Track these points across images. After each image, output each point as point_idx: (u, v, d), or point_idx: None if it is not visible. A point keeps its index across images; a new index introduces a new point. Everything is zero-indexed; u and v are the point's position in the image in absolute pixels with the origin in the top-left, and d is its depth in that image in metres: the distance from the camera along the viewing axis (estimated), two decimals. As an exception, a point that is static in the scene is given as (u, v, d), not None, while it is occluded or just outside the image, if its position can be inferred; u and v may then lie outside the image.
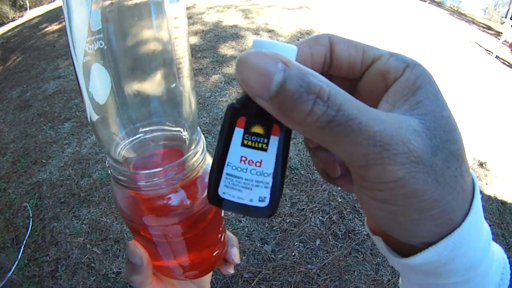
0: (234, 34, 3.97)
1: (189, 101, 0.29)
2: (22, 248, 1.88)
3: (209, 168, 0.30)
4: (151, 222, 0.30)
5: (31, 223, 2.00)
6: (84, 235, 1.89)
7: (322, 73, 0.21)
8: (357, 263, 1.77)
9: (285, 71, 0.18)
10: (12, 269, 1.78)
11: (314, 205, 2.01)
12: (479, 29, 7.13)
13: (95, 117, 0.26)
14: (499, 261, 0.24)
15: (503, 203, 2.50)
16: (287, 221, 1.93)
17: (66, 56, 3.91)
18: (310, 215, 1.96)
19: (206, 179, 0.31)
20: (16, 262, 1.81)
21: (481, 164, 2.76)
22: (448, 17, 7.29)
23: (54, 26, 5.11)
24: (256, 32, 4.05)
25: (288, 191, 2.09)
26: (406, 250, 0.23)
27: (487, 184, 2.61)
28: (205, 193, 0.31)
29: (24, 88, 3.44)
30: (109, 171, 0.29)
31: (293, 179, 2.15)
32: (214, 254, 0.37)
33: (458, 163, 0.20)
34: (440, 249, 0.20)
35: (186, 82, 0.28)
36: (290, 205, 2.02)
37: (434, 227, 0.20)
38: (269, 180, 0.24)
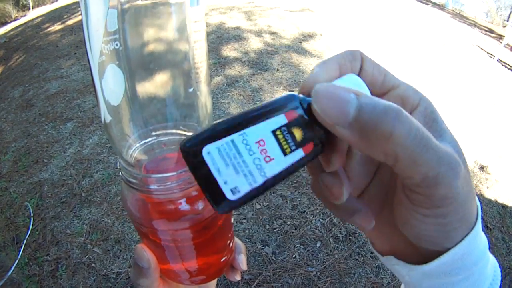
0: (236, 36, 3.97)
1: (206, 106, 0.29)
2: (23, 247, 1.88)
3: None
4: (161, 226, 0.30)
5: (31, 222, 2.00)
6: (84, 235, 1.90)
7: None
8: (357, 266, 1.77)
9: (358, 99, 0.19)
10: (12, 268, 1.78)
11: (315, 208, 2.01)
12: (481, 32, 7.12)
13: (108, 118, 0.26)
14: (492, 262, 0.27)
15: (504, 206, 2.49)
16: (288, 223, 1.93)
17: (69, 56, 3.92)
18: (311, 218, 1.96)
19: None
20: (17, 261, 1.81)
21: (481, 168, 2.75)
22: (450, 20, 7.29)
23: (57, 26, 5.12)
24: (258, 34, 4.06)
25: (289, 193, 2.09)
26: (415, 261, 0.25)
27: (487, 187, 2.60)
28: None
29: (26, 88, 3.45)
30: (120, 173, 0.29)
31: (295, 181, 2.15)
32: (222, 260, 0.37)
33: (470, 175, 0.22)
34: (461, 247, 0.23)
35: (204, 87, 0.28)
36: (291, 207, 2.02)
37: (465, 230, 0.23)
38: (260, 181, 0.22)
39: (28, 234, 1.94)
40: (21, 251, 1.86)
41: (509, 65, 5.07)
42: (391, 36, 4.66)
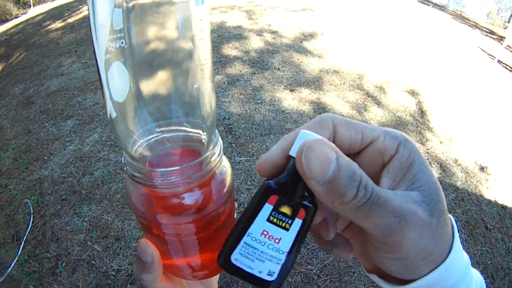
0: (237, 35, 3.97)
1: (210, 103, 0.30)
2: (22, 244, 1.88)
3: (225, 170, 0.32)
4: (165, 220, 0.30)
5: (31, 219, 2.00)
6: (84, 232, 1.90)
7: None
8: (357, 265, 1.77)
9: (338, 160, 0.22)
10: (12, 265, 1.78)
11: (315, 206, 2.01)
12: (482, 33, 7.13)
13: (114, 114, 0.26)
14: (477, 280, 0.29)
15: (503, 207, 2.49)
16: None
17: (70, 53, 3.92)
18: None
19: (222, 181, 0.32)
20: (16, 258, 1.81)
21: (481, 168, 2.76)
22: (451, 21, 7.29)
23: (58, 24, 5.12)
24: (259, 33, 4.06)
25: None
26: (397, 281, 0.28)
27: (487, 188, 2.61)
28: (219, 193, 0.32)
29: (27, 85, 3.44)
30: (125, 168, 0.29)
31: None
32: None
33: (444, 216, 0.26)
34: (430, 278, 0.26)
35: (208, 84, 0.29)
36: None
37: (432, 265, 0.26)
38: (283, 257, 0.26)
39: (28, 231, 1.94)
40: (21, 248, 1.86)
41: (509, 67, 5.07)
42: (392, 36, 4.66)
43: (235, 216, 0.37)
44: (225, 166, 0.33)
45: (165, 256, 0.34)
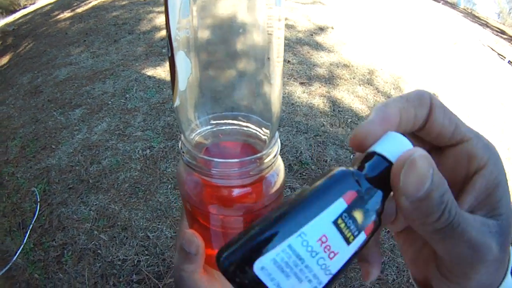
0: (246, 28, 3.94)
1: (279, 100, 0.30)
2: (29, 232, 1.89)
3: (280, 168, 0.31)
4: (216, 211, 0.31)
5: (38, 208, 2.01)
6: (91, 221, 1.90)
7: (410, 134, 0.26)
8: (364, 262, 1.75)
9: (433, 177, 0.20)
10: (17, 253, 1.79)
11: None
12: (493, 33, 7.04)
13: (177, 102, 0.27)
14: None
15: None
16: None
17: (78, 43, 3.91)
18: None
19: (276, 178, 0.32)
20: (22, 246, 1.82)
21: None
22: (462, 19, 7.20)
23: (66, 14, 5.11)
24: (268, 26, 4.02)
25: (298, 185, 2.07)
26: None
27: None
28: (272, 190, 0.31)
29: (35, 74, 3.45)
30: (182, 156, 0.30)
31: (303, 173, 2.14)
32: None
33: (509, 246, 0.24)
34: None
35: (280, 81, 0.29)
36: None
37: None
38: (325, 280, 0.19)
39: (35, 219, 1.95)
40: (27, 236, 1.87)
41: (520, 67, 5.00)
42: (402, 32, 4.61)
43: None
44: (280, 164, 0.33)
45: (206, 246, 0.34)
